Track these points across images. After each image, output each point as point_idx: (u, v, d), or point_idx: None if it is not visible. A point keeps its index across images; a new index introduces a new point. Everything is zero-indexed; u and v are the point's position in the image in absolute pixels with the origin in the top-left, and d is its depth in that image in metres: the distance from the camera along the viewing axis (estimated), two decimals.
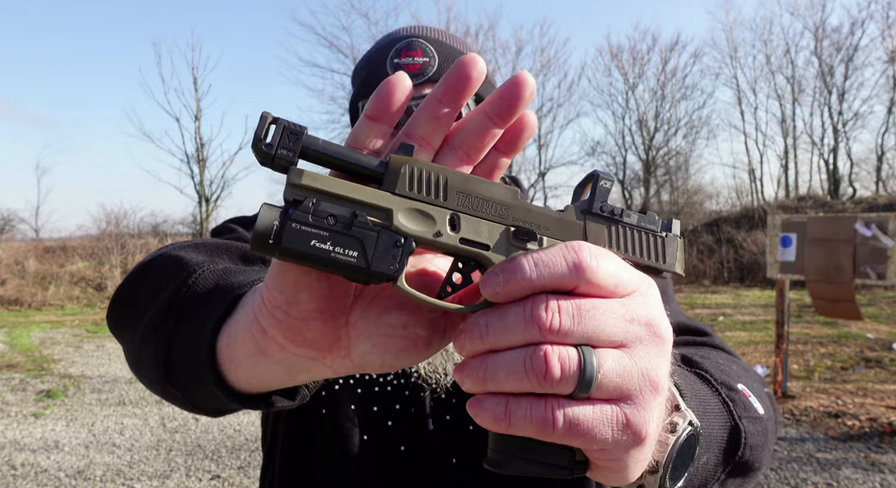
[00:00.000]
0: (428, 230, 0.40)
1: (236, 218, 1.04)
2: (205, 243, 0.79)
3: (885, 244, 4.96)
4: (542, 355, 0.35)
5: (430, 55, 0.91)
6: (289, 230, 0.37)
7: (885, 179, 23.33)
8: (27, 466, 4.67)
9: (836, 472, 4.18)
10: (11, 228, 25.85)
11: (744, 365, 0.76)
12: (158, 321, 0.63)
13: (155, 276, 0.72)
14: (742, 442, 0.59)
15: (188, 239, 20.15)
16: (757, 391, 0.67)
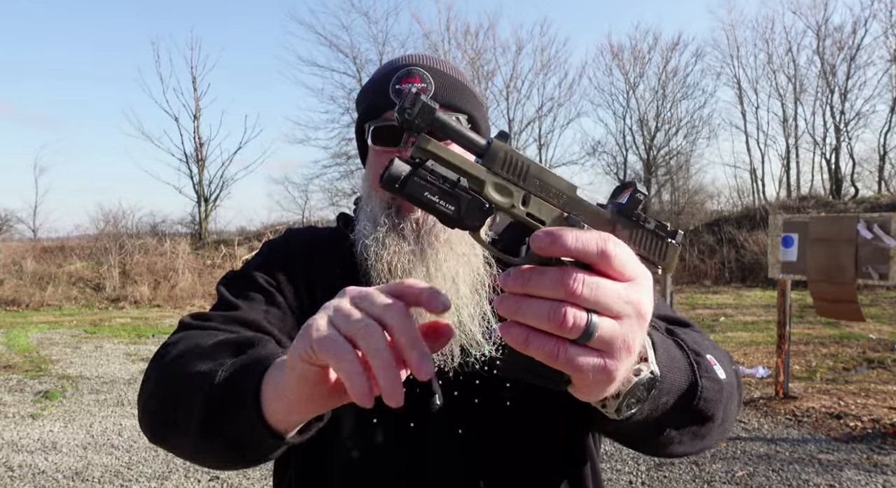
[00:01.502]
0: (506, 202, 0.54)
1: (254, 263, 1.09)
2: (204, 348, 0.84)
3: (887, 244, 4.93)
4: (563, 311, 0.49)
5: (427, 81, 1.01)
6: (412, 182, 0.52)
7: (888, 179, 23.30)
8: (25, 467, 4.65)
9: (838, 474, 4.15)
10: (9, 228, 25.86)
11: (717, 347, 0.89)
12: (208, 420, 0.74)
13: (180, 387, 0.80)
14: (698, 394, 0.74)
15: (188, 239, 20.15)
16: (724, 363, 0.82)
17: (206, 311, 0.98)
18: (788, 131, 24.81)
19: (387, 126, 1.01)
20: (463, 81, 1.07)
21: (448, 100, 1.02)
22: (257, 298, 0.99)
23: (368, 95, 1.06)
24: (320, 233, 1.16)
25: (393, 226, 0.98)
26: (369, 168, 1.07)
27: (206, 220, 22.78)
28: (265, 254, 1.09)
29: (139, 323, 12.09)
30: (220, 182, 23.52)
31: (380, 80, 1.05)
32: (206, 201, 22.98)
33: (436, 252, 0.97)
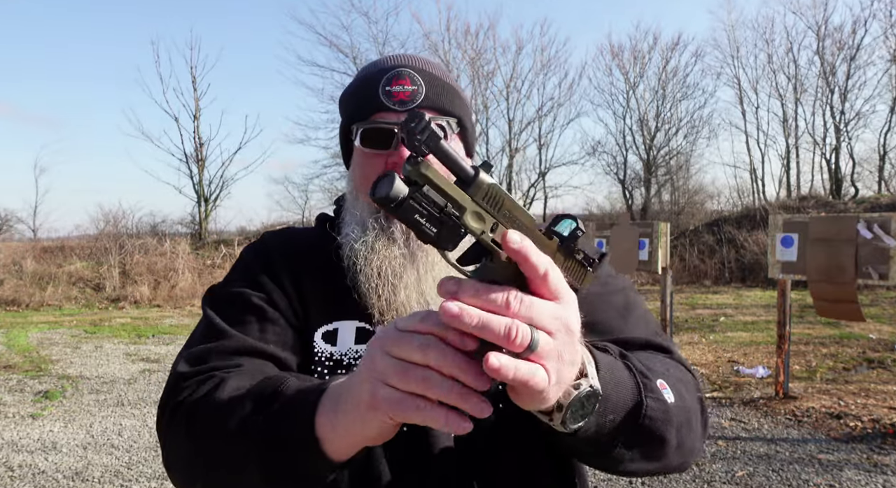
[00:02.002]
0: (478, 228, 0.59)
1: (237, 274, 1.06)
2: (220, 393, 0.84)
3: (887, 244, 4.93)
4: (514, 329, 0.56)
5: (417, 84, 1.00)
6: (407, 204, 0.55)
7: (888, 179, 23.30)
8: (25, 467, 4.65)
9: (838, 474, 4.15)
10: (9, 228, 25.84)
11: (682, 375, 0.91)
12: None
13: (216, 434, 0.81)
14: (643, 412, 0.77)
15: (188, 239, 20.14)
16: (677, 389, 0.84)
17: (199, 348, 0.94)
18: (788, 131, 24.83)
19: (376, 128, 0.99)
20: (451, 84, 1.06)
21: (438, 103, 1.01)
22: (250, 319, 0.97)
23: (356, 95, 1.04)
24: (300, 235, 1.13)
25: (382, 229, 0.98)
26: (355, 169, 1.04)
27: (206, 220, 22.78)
28: (247, 263, 1.06)
29: (139, 323, 12.09)
30: (220, 182, 23.53)
31: (368, 80, 1.02)
32: (206, 201, 22.98)
33: (425, 254, 0.97)
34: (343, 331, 0.99)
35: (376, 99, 0.99)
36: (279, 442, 0.74)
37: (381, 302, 0.96)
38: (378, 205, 0.56)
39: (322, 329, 0.99)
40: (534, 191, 26.05)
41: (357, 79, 1.06)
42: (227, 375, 0.87)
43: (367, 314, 0.99)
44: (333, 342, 0.98)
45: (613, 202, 27.72)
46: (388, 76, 1.00)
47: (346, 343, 0.98)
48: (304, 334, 0.99)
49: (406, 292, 0.95)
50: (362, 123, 1.01)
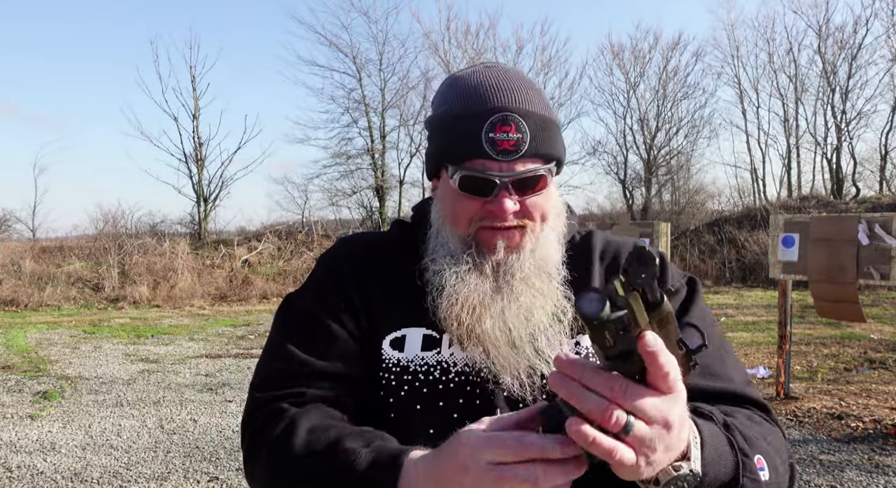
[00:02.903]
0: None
1: (306, 288, 1.11)
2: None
3: (888, 244, 4.91)
4: (610, 411, 0.63)
5: (523, 131, 0.96)
6: (608, 324, 0.61)
7: (889, 179, 23.25)
8: (23, 468, 4.63)
9: (839, 474, 4.14)
10: (8, 228, 25.76)
11: (779, 443, 0.93)
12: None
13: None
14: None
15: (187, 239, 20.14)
16: (773, 464, 0.86)
17: (268, 371, 1.02)
18: (789, 131, 24.79)
19: (480, 178, 0.96)
20: (551, 118, 1.01)
21: (541, 150, 0.97)
22: (315, 338, 1.02)
23: (457, 133, 0.98)
24: (375, 241, 1.15)
25: (475, 264, 0.99)
26: (448, 204, 1.02)
27: (205, 220, 22.75)
28: (318, 275, 1.11)
29: (138, 323, 12.07)
30: (220, 182, 23.46)
31: (471, 119, 0.96)
32: (206, 201, 22.94)
33: (511, 288, 0.98)
34: (410, 338, 1.02)
35: (479, 146, 0.95)
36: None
37: (461, 329, 0.97)
38: (580, 318, 0.61)
39: (390, 336, 1.02)
40: None
41: (456, 108, 1.00)
42: (297, 416, 0.93)
43: (434, 322, 1.01)
44: (401, 348, 1.01)
45: (614, 202, 27.70)
46: (493, 120, 0.95)
47: (412, 350, 1.01)
48: (372, 341, 1.03)
49: (491, 322, 0.97)
50: (462, 169, 0.97)
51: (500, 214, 0.96)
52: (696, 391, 0.92)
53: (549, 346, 0.98)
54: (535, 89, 1.02)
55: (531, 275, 0.99)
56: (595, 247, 1.11)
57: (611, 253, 1.11)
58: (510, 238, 0.99)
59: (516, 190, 0.96)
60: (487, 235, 0.99)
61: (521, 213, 0.98)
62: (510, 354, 0.96)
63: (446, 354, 1.00)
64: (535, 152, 0.97)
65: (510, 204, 0.96)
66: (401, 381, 1.00)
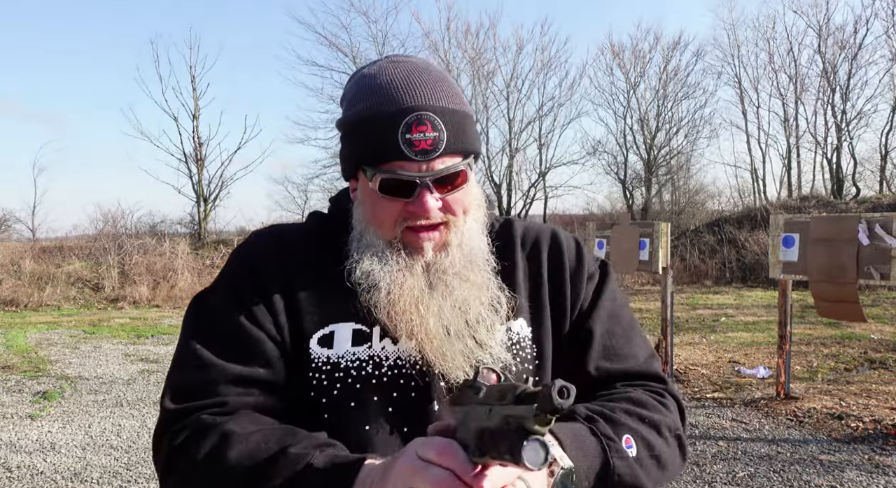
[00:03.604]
0: None
1: (218, 287, 1.06)
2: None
3: (889, 244, 4.90)
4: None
5: (439, 129, 0.94)
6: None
7: (889, 179, 23.24)
8: (23, 468, 4.63)
9: (839, 475, 4.13)
10: (7, 228, 25.74)
11: (658, 417, 0.98)
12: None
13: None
14: (612, 471, 0.87)
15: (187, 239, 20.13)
16: (644, 440, 0.93)
17: (183, 380, 0.96)
18: (789, 131, 24.79)
19: (400, 180, 0.95)
20: (465, 110, 1.00)
21: (459, 146, 0.97)
22: (231, 342, 0.97)
23: (373, 136, 0.96)
24: (290, 234, 1.10)
25: (406, 265, 0.99)
26: (369, 206, 1.00)
27: (205, 220, 22.76)
28: (233, 271, 1.05)
29: (138, 323, 12.07)
30: (220, 182, 23.50)
31: (385, 120, 0.94)
32: (206, 201, 22.95)
33: (445, 284, 0.99)
34: (339, 334, 0.99)
35: (396, 148, 0.93)
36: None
37: (402, 325, 0.97)
38: (524, 467, 0.61)
39: (318, 334, 0.99)
40: (534, 191, 26.02)
41: (369, 110, 0.97)
42: (226, 426, 0.89)
43: (363, 317, 0.99)
44: (330, 345, 0.98)
45: (614, 202, 27.68)
46: (408, 122, 0.93)
47: (342, 345, 0.98)
48: (298, 341, 0.99)
49: (433, 318, 0.97)
50: (380, 171, 0.95)
51: (422, 214, 0.96)
52: (603, 372, 1.03)
53: (488, 336, 0.99)
54: (447, 82, 1.01)
55: (463, 270, 1.00)
56: (516, 234, 1.12)
57: (530, 240, 1.13)
58: (437, 236, 0.99)
59: (437, 187, 0.96)
60: (413, 237, 0.99)
61: (444, 210, 0.98)
62: (450, 346, 0.96)
63: (378, 348, 0.99)
64: (453, 149, 0.96)
65: (432, 202, 0.95)
66: (332, 379, 0.97)
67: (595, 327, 1.07)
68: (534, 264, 1.11)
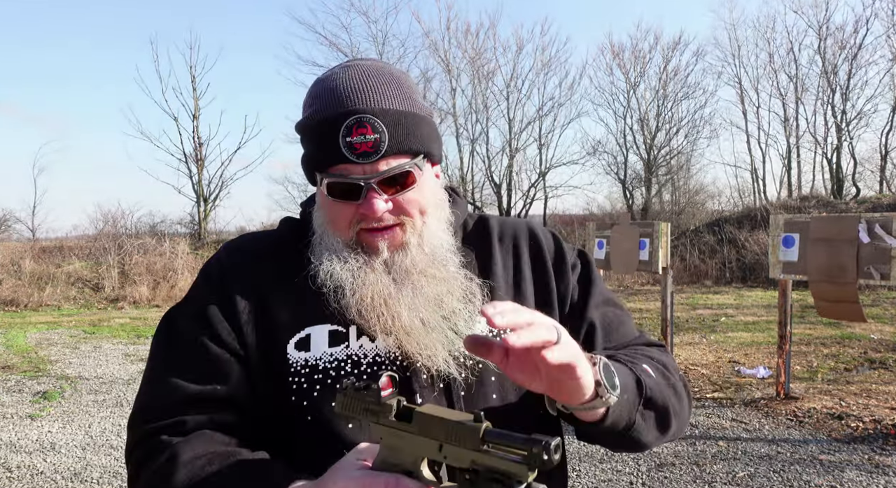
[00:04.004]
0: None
1: (188, 303, 1.08)
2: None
3: (889, 244, 4.90)
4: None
5: (380, 131, 0.94)
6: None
7: (889, 179, 23.23)
8: (23, 468, 4.63)
9: (839, 475, 4.13)
10: (7, 228, 25.73)
11: (665, 359, 1.08)
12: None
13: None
14: (644, 386, 0.93)
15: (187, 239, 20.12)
16: (659, 370, 1.02)
17: (146, 400, 1.00)
18: (790, 131, 24.78)
19: (344, 184, 0.96)
20: (413, 111, 0.99)
21: (403, 145, 0.96)
22: (195, 361, 0.99)
23: (316, 140, 0.98)
24: (259, 242, 1.12)
25: (365, 262, 0.99)
26: (324, 209, 1.02)
27: (205, 220, 22.76)
28: (201, 288, 1.07)
29: (138, 323, 12.07)
30: (220, 182, 23.50)
31: (326, 126, 0.95)
32: (206, 201, 22.96)
33: (412, 282, 0.99)
34: (315, 336, 0.99)
35: (338, 152, 0.94)
36: None
37: (378, 323, 0.97)
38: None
39: (294, 338, 1.00)
40: (534, 191, 26.02)
41: (313, 113, 0.98)
42: (176, 448, 0.91)
43: (338, 317, 0.99)
44: (307, 348, 0.99)
45: (614, 202, 27.68)
46: (348, 124, 0.93)
47: (319, 347, 0.99)
48: (273, 348, 1.00)
49: (408, 312, 0.97)
50: (327, 175, 0.97)
51: (371, 216, 0.96)
52: (615, 355, 1.06)
53: (467, 327, 0.99)
54: (399, 84, 1.00)
55: (427, 267, 1.00)
56: (492, 230, 1.14)
57: (508, 234, 1.14)
58: (391, 238, 1.00)
59: (384, 189, 0.96)
60: (368, 238, 1.00)
61: (397, 211, 0.98)
62: (429, 338, 0.97)
63: (355, 347, 0.99)
64: (397, 149, 0.96)
65: (381, 204, 0.96)
66: (312, 382, 0.98)
67: (594, 317, 1.10)
68: (512, 257, 1.12)
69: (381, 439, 0.77)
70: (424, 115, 1.02)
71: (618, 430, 0.91)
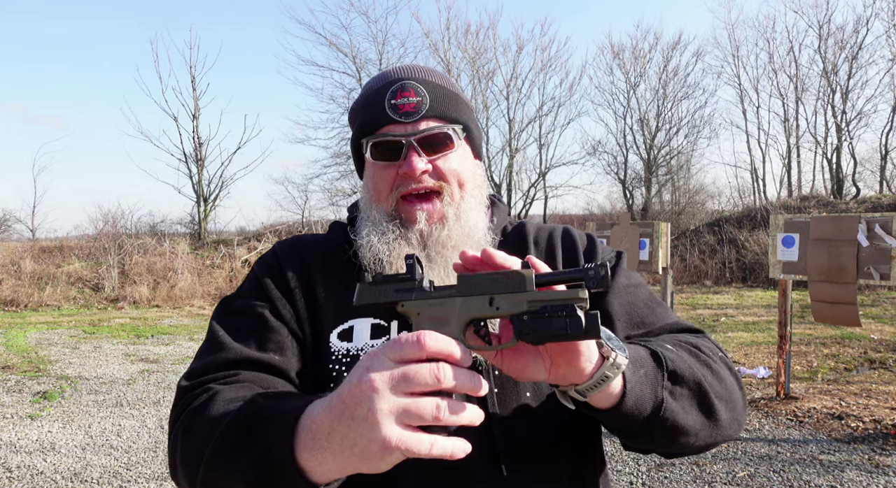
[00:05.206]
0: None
1: (246, 287, 1.12)
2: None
3: (889, 244, 4.90)
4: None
5: (422, 94, 1.05)
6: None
7: (889, 179, 23.23)
8: (23, 468, 4.63)
9: (839, 475, 4.13)
10: (7, 228, 25.73)
11: (703, 342, 1.00)
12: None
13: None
14: (661, 356, 0.87)
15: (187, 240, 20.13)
16: (689, 351, 0.95)
17: (200, 362, 1.00)
18: (790, 131, 24.78)
19: (385, 142, 1.04)
20: (455, 91, 1.10)
21: (442, 112, 1.06)
22: (251, 329, 1.02)
23: (364, 110, 1.08)
24: (311, 242, 1.17)
25: (400, 233, 1.05)
26: (368, 180, 1.10)
27: (205, 220, 22.74)
28: (256, 275, 1.11)
29: (138, 323, 12.07)
30: (220, 182, 23.46)
31: (374, 95, 1.07)
32: (206, 201, 22.94)
33: (444, 258, 1.04)
34: (358, 328, 1.04)
35: (383, 112, 1.04)
36: (265, 476, 0.77)
37: None
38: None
39: (337, 329, 1.04)
40: (534, 191, 26.03)
41: (364, 93, 1.11)
42: (221, 387, 0.91)
43: (382, 311, 1.03)
44: (350, 339, 1.03)
45: (614, 202, 27.70)
46: (393, 89, 1.04)
47: (361, 338, 1.03)
48: (319, 337, 1.04)
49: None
50: (371, 137, 1.05)
51: (411, 174, 1.03)
52: (634, 340, 1.01)
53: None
54: (443, 75, 1.12)
55: (460, 243, 1.04)
56: (529, 234, 1.17)
57: (544, 237, 1.18)
58: (430, 207, 1.04)
59: (425, 150, 1.04)
60: (407, 208, 1.05)
61: (435, 175, 1.05)
62: None
63: None
64: (436, 113, 1.05)
65: (420, 163, 1.02)
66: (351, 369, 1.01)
67: (612, 302, 1.08)
68: (546, 257, 1.15)
69: (419, 314, 0.76)
70: (467, 101, 1.13)
71: (646, 415, 0.84)
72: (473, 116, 1.14)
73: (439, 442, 0.66)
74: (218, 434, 0.81)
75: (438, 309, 0.74)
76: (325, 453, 0.71)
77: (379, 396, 0.65)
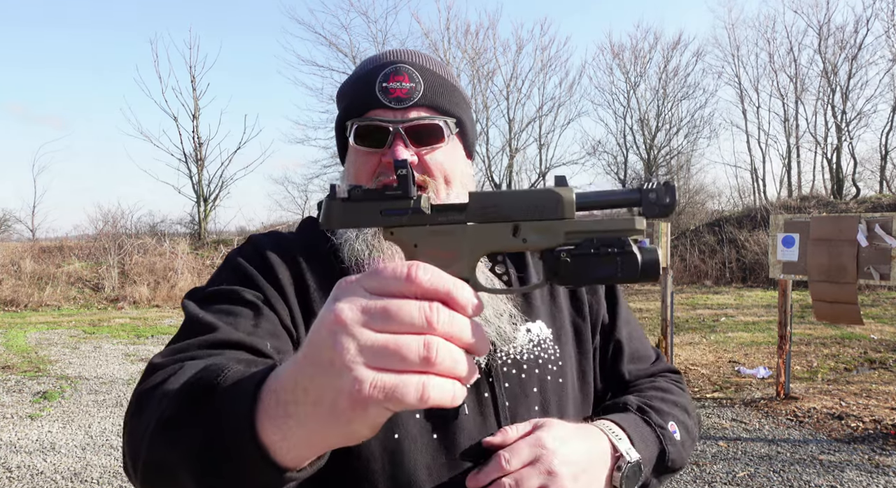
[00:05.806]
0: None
1: (224, 276, 0.96)
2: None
3: (889, 244, 4.90)
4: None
5: (416, 81, 0.97)
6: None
7: (889, 179, 23.23)
8: (23, 468, 4.63)
9: (839, 475, 4.13)
10: (7, 228, 25.72)
11: (684, 401, 1.09)
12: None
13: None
14: (667, 458, 0.97)
15: (187, 239, 20.13)
16: (683, 424, 1.03)
17: (179, 343, 0.83)
18: (790, 131, 24.77)
19: (372, 126, 0.96)
20: (452, 82, 1.03)
21: (436, 102, 0.98)
22: (240, 312, 0.88)
23: (353, 90, 1.00)
24: (289, 237, 1.06)
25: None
26: (349, 167, 1.01)
27: (205, 220, 22.73)
28: (235, 265, 0.97)
29: (138, 323, 12.07)
30: (220, 182, 23.46)
31: (366, 76, 0.99)
32: (206, 201, 22.93)
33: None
34: None
35: (372, 95, 0.96)
36: (217, 454, 0.59)
37: None
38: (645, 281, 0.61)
39: None
40: None
41: (355, 72, 1.03)
42: (195, 363, 0.74)
43: None
44: None
45: None
46: (386, 72, 0.97)
47: None
48: (305, 330, 0.95)
49: None
50: (357, 120, 0.97)
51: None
52: (634, 374, 1.10)
53: (497, 318, 0.95)
54: (439, 62, 1.04)
55: None
56: None
57: None
58: None
59: (412, 140, 0.96)
60: None
61: (420, 169, 0.96)
62: None
63: None
64: (429, 102, 0.97)
65: (405, 153, 0.94)
66: None
67: (622, 337, 1.12)
68: None
69: (416, 246, 0.58)
70: (464, 95, 1.05)
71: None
72: (470, 112, 1.06)
73: (432, 382, 0.48)
74: (166, 403, 0.65)
75: (443, 239, 0.56)
76: (290, 421, 0.53)
77: (347, 332, 0.48)
